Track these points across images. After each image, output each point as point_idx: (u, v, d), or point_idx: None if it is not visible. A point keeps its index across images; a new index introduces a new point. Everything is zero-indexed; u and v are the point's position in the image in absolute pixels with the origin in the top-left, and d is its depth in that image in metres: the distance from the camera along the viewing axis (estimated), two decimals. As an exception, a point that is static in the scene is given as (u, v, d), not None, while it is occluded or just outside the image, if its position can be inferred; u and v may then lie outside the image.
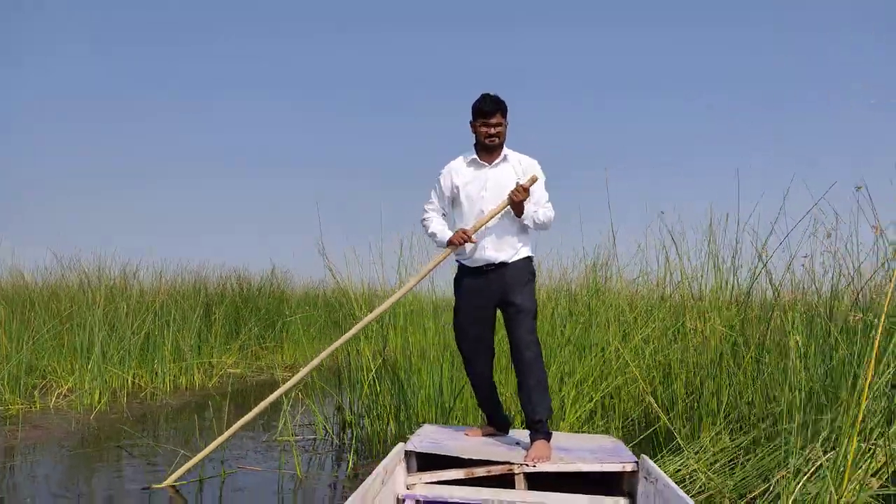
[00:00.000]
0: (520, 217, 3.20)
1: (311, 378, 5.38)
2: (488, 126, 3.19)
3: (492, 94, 3.20)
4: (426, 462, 3.08)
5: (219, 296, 9.96)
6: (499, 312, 3.37)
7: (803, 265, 4.25)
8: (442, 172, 3.40)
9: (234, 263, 11.45)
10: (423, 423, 4.65)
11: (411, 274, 5.39)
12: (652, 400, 4.07)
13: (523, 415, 3.22)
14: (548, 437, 3.12)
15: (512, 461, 2.91)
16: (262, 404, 3.78)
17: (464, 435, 3.45)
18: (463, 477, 2.93)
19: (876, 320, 3.40)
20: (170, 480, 3.75)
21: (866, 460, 2.72)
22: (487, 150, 3.26)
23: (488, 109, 3.16)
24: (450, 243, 3.28)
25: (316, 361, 3.72)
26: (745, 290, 4.40)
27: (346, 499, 2.24)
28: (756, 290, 4.38)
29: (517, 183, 3.14)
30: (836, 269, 3.93)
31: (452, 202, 3.40)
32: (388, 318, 5.41)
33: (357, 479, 4.08)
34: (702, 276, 4.52)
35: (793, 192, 4.01)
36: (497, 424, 3.51)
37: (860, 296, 3.75)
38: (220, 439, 3.85)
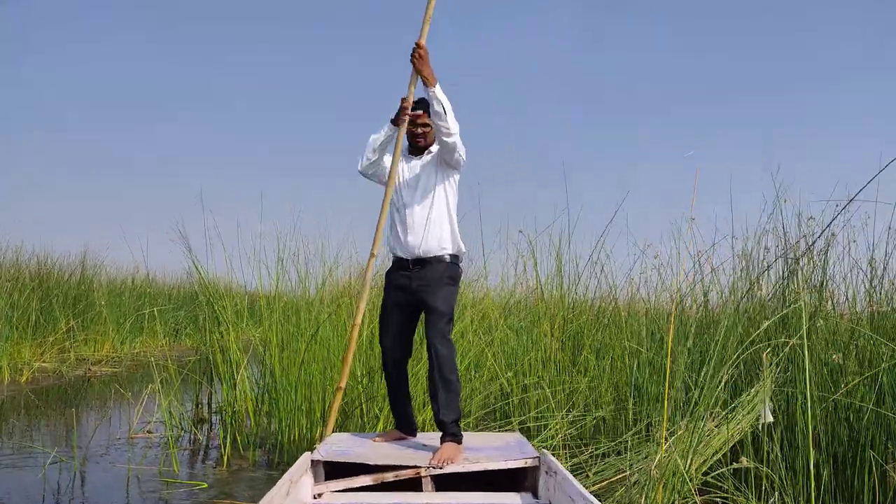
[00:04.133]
0: (430, 84, 3.06)
1: (167, 373, 5.24)
2: (415, 126, 3.26)
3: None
4: (334, 470, 3.01)
5: (16, 281, 8.98)
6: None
7: (630, 278, 5.17)
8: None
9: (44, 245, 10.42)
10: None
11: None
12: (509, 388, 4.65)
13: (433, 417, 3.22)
14: (457, 439, 3.11)
15: (419, 464, 2.91)
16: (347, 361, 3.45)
17: (372, 441, 3.40)
18: (371, 483, 2.88)
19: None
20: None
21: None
22: (415, 149, 3.33)
23: (415, 109, 3.21)
24: (397, 121, 3.22)
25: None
26: (574, 298, 5.22)
27: None
28: (595, 298, 5.19)
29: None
30: (659, 283, 4.86)
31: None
32: (259, 312, 5.44)
33: (236, 472, 4.17)
34: (551, 286, 5.22)
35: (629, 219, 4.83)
36: (405, 428, 3.49)
37: (677, 305, 4.65)
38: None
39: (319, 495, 2.84)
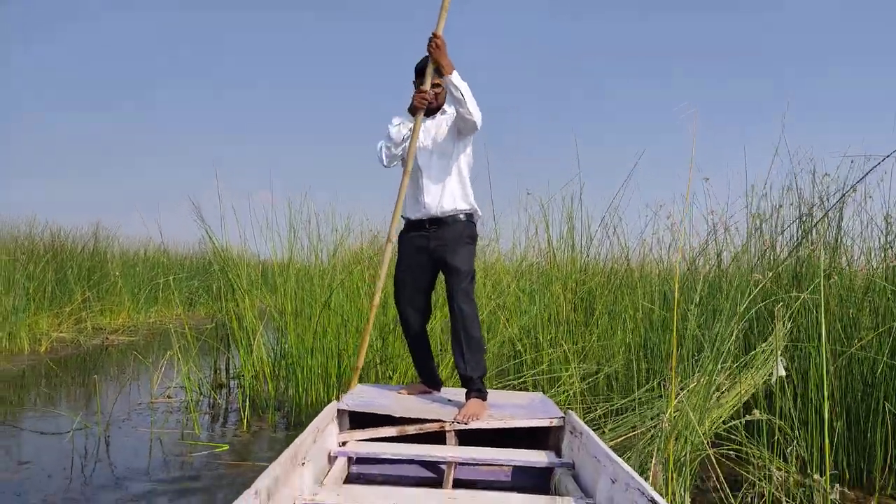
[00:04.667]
0: (447, 73, 3.04)
1: (185, 340, 5.31)
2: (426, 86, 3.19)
3: None
4: (359, 421, 3.09)
5: (31, 253, 9.09)
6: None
7: (642, 240, 5.17)
8: (392, 121, 3.33)
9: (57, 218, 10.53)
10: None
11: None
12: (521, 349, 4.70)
13: (458, 374, 3.24)
14: (482, 395, 3.15)
15: (444, 419, 2.94)
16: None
17: (397, 394, 3.45)
18: (395, 434, 2.93)
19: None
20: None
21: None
22: (428, 111, 3.29)
23: (423, 70, 3.18)
24: (414, 110, 3.19)
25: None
26: (586, 261, 5.23)
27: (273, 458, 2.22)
28: (608, 260, 5.19)
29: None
30: (672, 244, 4.86)
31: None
32: (271, 279, 5.49)
33: (256, 434, 4.26)
34: (563, 248, 5.23)
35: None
36: (429, 382, 3.54)
37: (691, 265, 4.66)
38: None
39: (344, 444, 2.89)
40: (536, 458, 2.77)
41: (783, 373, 3.06)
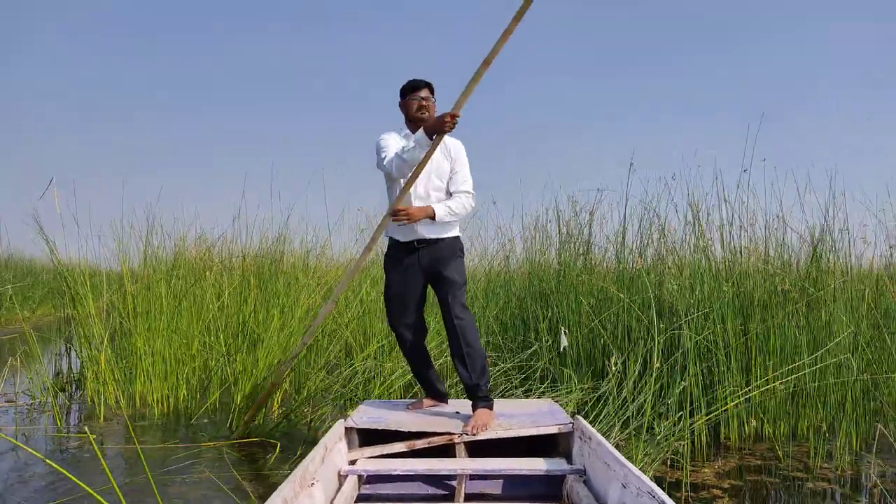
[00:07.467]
0: (435, 219, 3.22)
1: (27, 342, 5.47)
2: (417, 99, 3.29)
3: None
4: (367, 438, 3.10)
5: None
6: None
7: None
8: (383, 134, 3.40)
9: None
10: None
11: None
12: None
13: (462, 385, 3.26)
14: (488, 404, 3.17)
15: (451, 431, 2.95)
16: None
17: (404, 409, 3.47)
18: (404, 450, 2.93)
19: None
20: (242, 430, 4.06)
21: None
22: (417, 123, 3.30)
23: (418, 84, 3.31)
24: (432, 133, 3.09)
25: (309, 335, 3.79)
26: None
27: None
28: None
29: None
30: (472, 249, 6.08)
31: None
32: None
33: (117, 424, 4.68)
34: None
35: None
36: (435, 396, 3.57)
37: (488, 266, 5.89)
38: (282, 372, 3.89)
39: (354, 462, 2.90)
40: (547, 465, 2.76)
41: (566, 343, 4.30)
